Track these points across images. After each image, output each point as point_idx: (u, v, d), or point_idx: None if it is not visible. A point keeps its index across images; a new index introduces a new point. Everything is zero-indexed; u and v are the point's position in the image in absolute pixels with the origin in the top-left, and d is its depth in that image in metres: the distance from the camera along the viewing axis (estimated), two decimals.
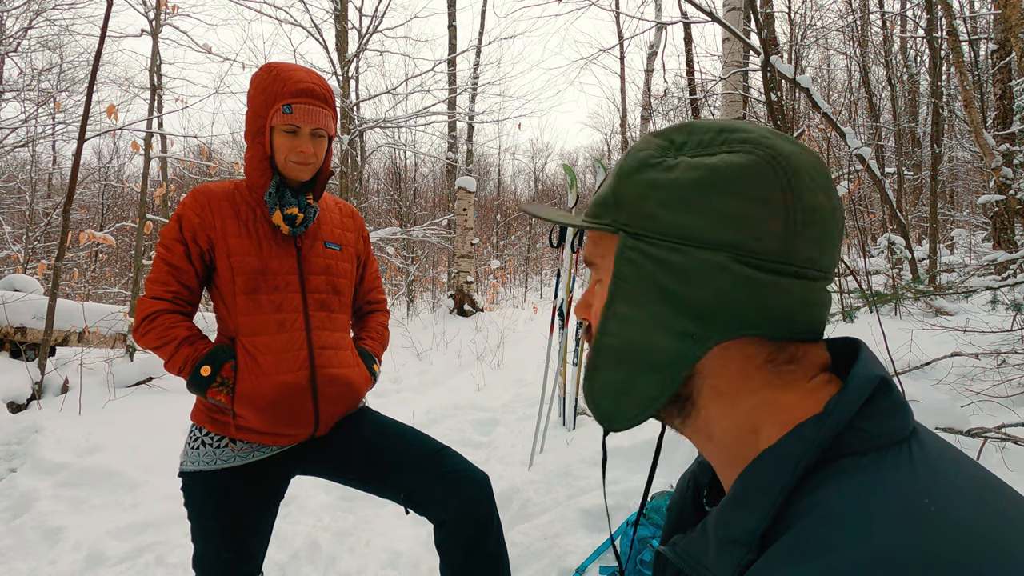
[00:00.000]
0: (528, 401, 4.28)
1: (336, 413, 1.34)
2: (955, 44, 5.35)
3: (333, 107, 1.29)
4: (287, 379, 1.25)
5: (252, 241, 1.27)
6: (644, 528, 1.78)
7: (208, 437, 1.27)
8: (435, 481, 1.30)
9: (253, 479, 1.28)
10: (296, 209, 1.28)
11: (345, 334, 1.41)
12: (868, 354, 0.41)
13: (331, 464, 1.36)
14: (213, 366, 1.21)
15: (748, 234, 0.38)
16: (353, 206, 1.55)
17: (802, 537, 0.33)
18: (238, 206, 1.29)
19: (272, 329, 1.26)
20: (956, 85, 10.45)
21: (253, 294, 1.25)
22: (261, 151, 1.26)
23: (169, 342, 1.22)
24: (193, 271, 1.26)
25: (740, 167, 0.38)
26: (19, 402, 3.86)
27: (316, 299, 1.32)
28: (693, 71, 11.39)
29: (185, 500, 1.28)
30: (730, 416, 0.41)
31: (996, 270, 4.60)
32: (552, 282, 19.95)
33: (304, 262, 1.32)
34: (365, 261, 1.52)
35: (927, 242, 7.30)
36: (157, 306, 1.24)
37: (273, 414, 1.24)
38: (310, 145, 1.25)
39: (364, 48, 8.75)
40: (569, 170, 3.69)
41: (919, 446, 0.36)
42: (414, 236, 9.92)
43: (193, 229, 1.25)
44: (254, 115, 1.25)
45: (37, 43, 11.31)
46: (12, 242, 10.78)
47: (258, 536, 1.33)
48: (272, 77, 1.23)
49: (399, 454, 1.34)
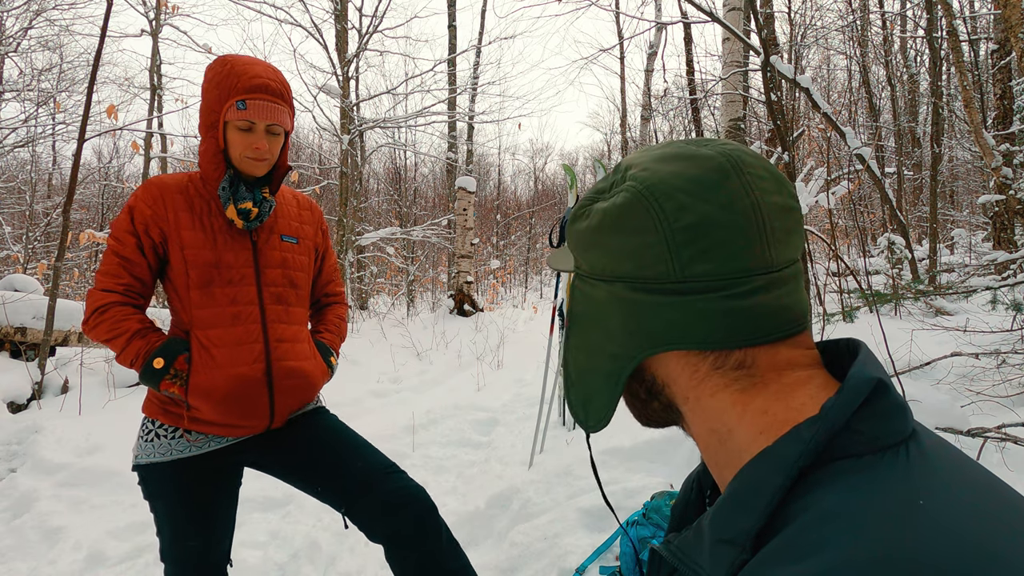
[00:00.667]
0: (528, 401, 4.28)
1: (292, 406, 1.33)
2: (955, 44, 5.35)
3: (289, 102, 1.27)
4: (242, 371, 1.24)
5: (206, 235, 1.26)
6: (644, 528, 1.78)
7: (162, 429, 1.26)
8: (378, 500, 1.31)
9: (209, 468, 1.28)
10: (250, 203, 1.27)
11: (302, 327, 1.40)
12: (866, 355, 0.41)
13: (280, 461, 1.36)
14: (167, 358, 1.20)
15: (635, 264, 0.42)
16: (311, 198, 1.54)
17: (795, 537, 0.33)
18: (192, 199, 1.27)
19: (227, 322, 1.25)
20: (956, 85, 10.45)
21: (207, 287, 1.25)
22: (215, 144, 1.24)
23: (121, 334, 1.20)
24: (145, 263, 1.25)
25: (617, 207, 0.43)
26: (19, 402, 3.86)
27: (272, 292, 1.31)
28: (693, 71, 11.40)
29: (144, 494, 1.28)
30: (702, 418, 0.44)
31: (996, 270, 4.61)
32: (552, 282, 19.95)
33: (260, 256, 1.31)
34: (323, 254, 1.51)
35: (927, 242, 7.30)
36: (108, 298, 1.22)
37: (228, 406, 1.24)
38: (265, 142, 1.24)
39: (364, 48, 8.75)
40: (569, 170, 3.69)
41: (917, 448, 0.36)
42: (414, 236, 9.92)
43: (145, 221, 1.23)
44: (208, 108, 1.23)
45: (37, 43, 11.33)
46: (12, 242, 10.78)
47: (222, 523, 1.33)
48: (227, 71, 1.21)
49: (348, 465, 1.34)
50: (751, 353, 0.41)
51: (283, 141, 1.30)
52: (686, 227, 0.40)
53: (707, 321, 0.41)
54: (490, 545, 2.32)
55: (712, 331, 0.41)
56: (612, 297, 0.44)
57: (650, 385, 0.46)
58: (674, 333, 0.42)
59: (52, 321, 4.17)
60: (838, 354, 0.45)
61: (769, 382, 0.41)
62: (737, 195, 0.40)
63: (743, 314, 0.40)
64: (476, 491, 2.72)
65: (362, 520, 1.33)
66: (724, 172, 0.41)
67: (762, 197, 0.41)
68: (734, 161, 0.42)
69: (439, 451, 3.46)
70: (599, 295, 0.46)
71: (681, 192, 0.41)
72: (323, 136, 13.87)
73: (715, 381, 0.42)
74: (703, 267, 0.40)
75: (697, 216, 0.40)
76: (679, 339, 0.42)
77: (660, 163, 0.43)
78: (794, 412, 0.39)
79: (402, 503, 1.31)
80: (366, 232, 10.16)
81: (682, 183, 0.41)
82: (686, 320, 0.41)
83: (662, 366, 0.44)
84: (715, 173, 0.41)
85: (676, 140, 0.47)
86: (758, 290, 0.40)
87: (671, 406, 0.46)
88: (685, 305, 0.41)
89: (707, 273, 0.40)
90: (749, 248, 0.40)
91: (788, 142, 3.92)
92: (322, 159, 13.02)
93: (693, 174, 0.41)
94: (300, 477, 1.36)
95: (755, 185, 0.41)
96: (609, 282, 0.44)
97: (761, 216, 0.40)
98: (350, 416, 4.25)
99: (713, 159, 0.42)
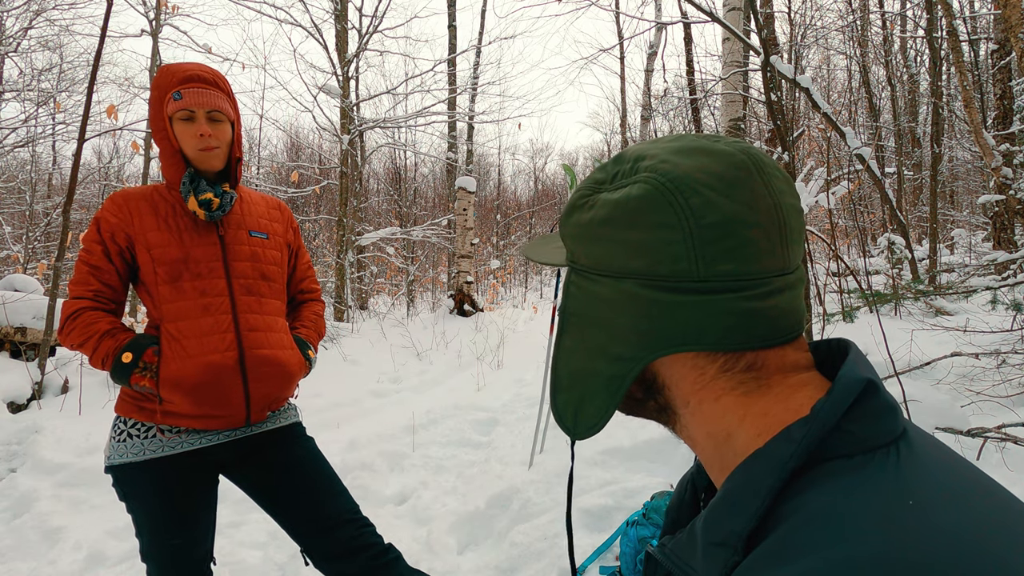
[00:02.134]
0: (528, 401, 4.28)
1: (268, 394, 1.34)
2: (955, 44, 5.35)
3: (226, 91, 1.33)
4: (214, 359, 1.25)
5: (172, 234, 1.29)
6: (644, 528, 1.78)
7: (135, 429, 1.27)
8: (332, 544, 1.35)
9: (184, 467, 1.29)
10: (211, 195, 1.31)
11: (278, 318, 1.41)
12: (856, 356, 0.41)
13: (252, 475, 1.38)
14: (135, 352, 1.22)
15: (650, 260, 0.40)
16: (282, 200, 1.60)
17: (785, 539, 0.33)
18: (156, 204, 1.32)
19: (196, 313, 1.27)
20: (956, 85, 10.45)
21: (176, 282, 1.27)
22: (169, 146, 1.29)
23: (91, 336, 1.23)
24: (113, 269, 1.29)
25: (635, 198, 0.41)
26: (19, 402, 3.86)
27: (242, 284, 1.34)
28: (693, 71, 11.40)
29: (120, 495, 1.28)
30: (700, 422, 0.43)
31: (996, 270, 4.61)
32: (552, 282, 19.97)
33: (228, 250, 1.34)
34: (296, 251, 1.55)
35: (927, 242, 7.30)
36: (78, 304, 1.25)
37: (200, 395, 1.24)
38: (208, 127, 1.28)
39: (364, 48, 8.76)
40: (569, 170, 3.69)
41: (908, 448, 0.36)
42: (414, 236, 9.92)
43: (111, 229, 1.28)
44: (155, 114, 1.29)
45: (37, 43, 11.31)
46: (12, 242, 10.78)
47: (203, 521, 1.34)
48: (163, 73, 1.29)
49: (314, 508, 1.37)
50: (762, 355, 0.41)
51: (230, 131, 1.34)
52: (711, 224, 0.39)
53: (726, 322, 0.39)
54: (490, 545, 2.32)
55: (729, 332, 0.40)
56: (620, 295, 0.42)
57: (649, 385, 0.45)
58: (689, 333, 0.40)
59: (52, 321, 4.17)
60: (829, 355, 0.44)
61: (774, 384, 0.41)
62: (760, 194, 0.40)
63: (761, 315, 0.40)
64: (476, 491, 2.72)
65: (315, 559, 1.38)
66: (747, 170, 0.40)
67: (780, 198, 0.40)
68: (755, 159, 0.41)
69: (439, 451, 3.46)
70: (603, 292, 0.43)
71: (707, 188, 0.39)
72: (323, 136, 13.86)
73: (721, 384, 0.41)
74: (726, 266, 0.39)
75: (724, 214, 0.39)
76: (694, 340, 0.40)
77: (680, 156, 0.41)
78: (791, 414, 0.39)
79: (352, 551, 1.36)
80: (366, 232, 10.16)
81: (707, 178, 0.40)
82: (703, 320, 0.40)
83: (667, 367, 0.43)
84: (739, 170, 0.40)
85: (686, 133, 0.46)
86: (775, 292, 0.40)
87: (668, 408, 0.45)
88: (704, 305, 0.39)
89: (729, 273, 0.39)
90: (771, 249, 0.39)
91: (788, 142, 3.92)
92: (322, 159, 13.01)
93: (717, 170, 0.40)
94: (267, 500, 1.38)
95: (774, 185, 0.41)
96: (617, 278, 0.42)
97: (782, 216, 0.40)
98: (350, 416, 4.28)
99: (734, 156, 0.41)
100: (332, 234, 12.88)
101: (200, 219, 1.32)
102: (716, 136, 0.44)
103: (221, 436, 1.32)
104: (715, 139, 0.43)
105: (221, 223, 1.35)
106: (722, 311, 0.39)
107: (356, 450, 3.35)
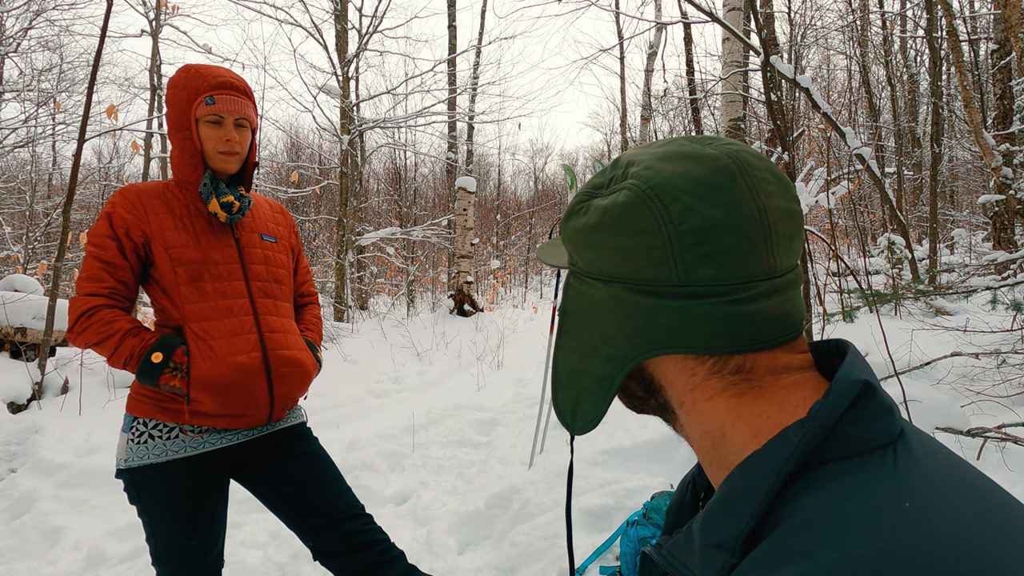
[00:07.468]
0: (528, 401, 4.28)
1: (289, 393, 1.36)
2: (955, 44, 5.35)
3: (252, 100, 1.36)
4: (241, 360, 1.27)
5: (190, 234, 1.29)
6: (644, 528, 1.78)
7: (156, 430, 1.26)
8: (335, 538, 1.38)
9: (203, 468, 1.29)
10: (232, 198, 1.32)
11: (291, 320, 1.44)
12: (854, 357, 0.41)
13: (261, 475, 1.39)
14: (165, 352, 1.21)
15: (635, 265, 0.41)
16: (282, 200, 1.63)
17: (782, 541, 0.33)
18: (171, 203, 1.31)
19: (221, 314, 1.28)
20: (956, 85, 10.45)
21: (197, 283, 1.27)
22: (191, 147, 1.29)
23: (112, 335, 1.20)
24: (128, 267, 1.26)
25: (620, 205, 0.42)
26: (19, 402, 3.86)
27: (259, 287, 1.36)
28: (693, 71, 11.40)
29: (134, 498, 1.26)
30: (696, 422, 0.43)
31: (996, 270, 4.61)
32: (552, 282, 19.97)
33: (244, 252, 1.36)
34: (298, 255, 1.57)
35: (927, 242, 7.30)
36: (94, 302, 1.22)
37: (229, 396, 1.25)
38: (235, 134, 1.30)
39: (364, 48, 8.76)
40: (569, 170, 3.69)
41: (905, 449, 0.36)
42: (414, 236, 9.92)
43: (126, 225, 1.25)
44: (178, 112, 1.29)
45: (37, 43, 11.32)
46: (12, 242, 10.78)
47: (219, 522, 1.35)
48: (192, 74, 1.29)
49: (325, 499, 1.40)
50: (750, 358, 0.41)
51: (251, 137, 1.36)
52: (690, 230, 0.39)
53: (708, 326, 0.40)
54: (490, 545, 2.32)
55: (712, 336, 0.40)
56: (609, 298, 0.43)
57: (648, 384, 0.45)
58: (673, 337, 0.41)
59: (52, 321, 4.17)
60: (828, 355, 0.45)
61: (766, 386, 0.41)
62: (742, 198, 0.40)
63: (745, 320, 0.40)
64: (476, 491, 2.72)
65: (321, 555, 1.40)
66: (730, 174, 0.40)
67: (767, 201, 0.40)
68: (739, 163, 0.41)
69: (439, 451, 3.46)
70: (595, 295, 0.44)
71: (686, 194, 0.40)
72: (323, 136, 13.86)
73: (712, 385, 0.41)
74: (706, 271, 0.39)
75: (702, 219, 0.39)
76: (678, 343, 0.41)
77: (664, 162, 0.42)
78: (787, 415, 0.39)
79: (359, 546, 1.39)
80: (366, 232, 10.16)
81: (687, 184, 0.40)
82: (686, 324, 0.40)
83: (660, 368, 0.44)
84: (720, 175, 0.40)
85: (679, 137, 0.46)
86: (760, 296, 0.40)
87: (666, 407, 0.45)
88: (686, 309, 0.40)
89: (710, 278, 0.39)
90: (753, 253, 0.39)
91: (788, 142, 3.92)
92: (322, 159, 13.02)
93: (698, 175, 0.40)
94: (276, 494, 1.40)
95: (760, 188, 0.40)
96: (607, 282, 0.43)
97: (766, 220, 0.40)
98: (350, 416, 4.28)
99: (718, 160, 0.41)
100: (332, 234, 12.88)
101: (217, 221, 1.33)
102: (710, 139, 0.44)
103: (241, 435, 1.33)
104: (707, 142, 0.43)
105: (236, 226, 1.36)
106: (704, 315, 0.40)
107: (356, 450, 3.35)
